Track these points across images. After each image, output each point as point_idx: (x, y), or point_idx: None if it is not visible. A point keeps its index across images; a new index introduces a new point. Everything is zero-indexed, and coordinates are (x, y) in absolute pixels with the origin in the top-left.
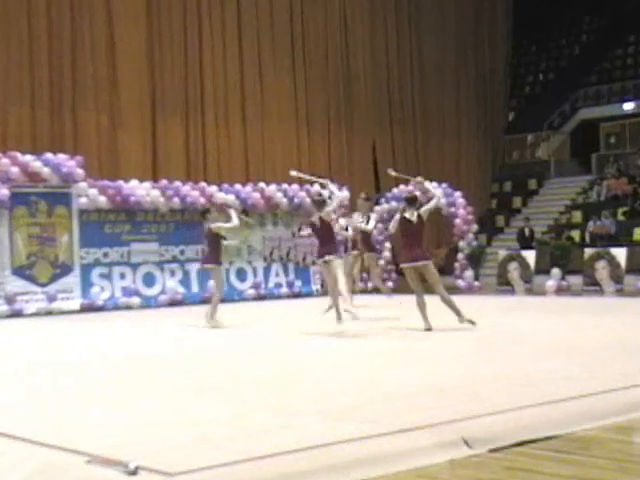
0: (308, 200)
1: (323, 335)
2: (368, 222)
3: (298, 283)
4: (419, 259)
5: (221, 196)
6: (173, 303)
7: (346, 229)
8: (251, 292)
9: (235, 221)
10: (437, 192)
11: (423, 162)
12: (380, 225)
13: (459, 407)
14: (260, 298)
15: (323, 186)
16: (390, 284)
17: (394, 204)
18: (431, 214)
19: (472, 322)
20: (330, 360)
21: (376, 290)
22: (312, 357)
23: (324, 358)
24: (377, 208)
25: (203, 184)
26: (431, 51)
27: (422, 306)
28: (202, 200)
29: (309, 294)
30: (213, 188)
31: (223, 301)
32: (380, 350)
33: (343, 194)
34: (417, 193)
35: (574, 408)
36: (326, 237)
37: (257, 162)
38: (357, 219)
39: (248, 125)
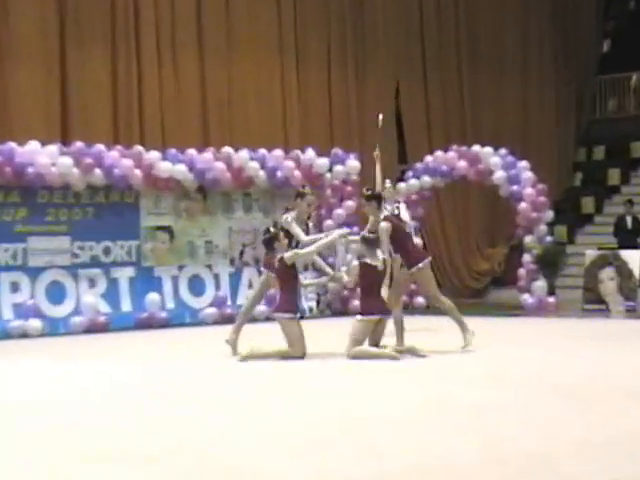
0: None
1: (317, 373)
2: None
3: None
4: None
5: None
6: (93, 329)
7: None
8: (211, 312)
9: (303, 237)
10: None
11: (471, 115)
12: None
13: None
14: (225, 321)
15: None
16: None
17: (427, 180)
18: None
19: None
20: (333, 416)
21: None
22: (306, 409)
23: (322, 411)
24: (401, 185)
25: (139, 149)
26: None
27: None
28: (137, 173)
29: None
30: (154, 155)
31: (165, 326)
32: (405, 397)
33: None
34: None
35: None
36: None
37: (220, 115)
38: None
39: (207, 59)
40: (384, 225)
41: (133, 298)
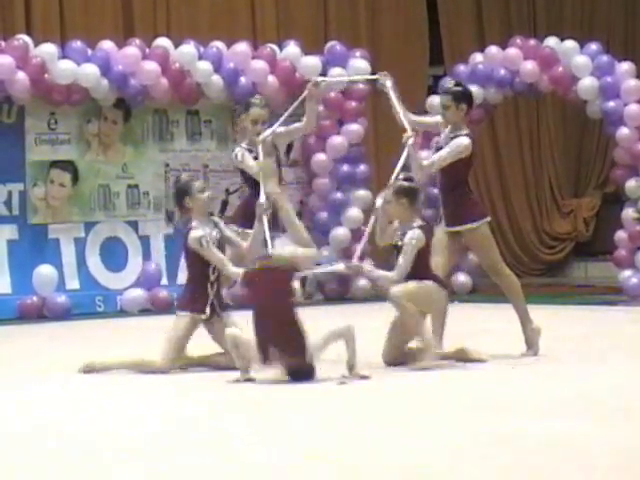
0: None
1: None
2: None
3: None
4: None
5: None
6: None
7: None
8: (137, 295)
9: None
10: None
11: None
12: None
13: None
14: (159, 310)
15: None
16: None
17: (475, 91)
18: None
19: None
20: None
21: None
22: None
23: None
24: (434, 101)
25: (23, 40)
26: None
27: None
28: (21, 77)
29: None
30: (47, 49)
31: (64, 317)
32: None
33: None
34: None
35: None
36: None
37: None
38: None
39: None
40: (466, 142)
41: (15, 273)
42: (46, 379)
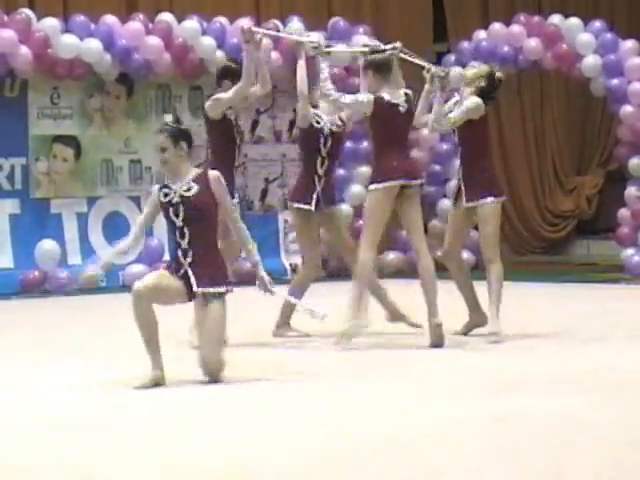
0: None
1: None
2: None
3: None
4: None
5: None
6: None
7: None
8: (139, 270)
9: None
10: None
11: None
12: None
13: None
14: None
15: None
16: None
17: None
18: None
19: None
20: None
21: None
22: None
23: None
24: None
25: (26, 14)
26: None
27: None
28: (24, 51)
29: (276, 275)
30: (50, 24)
31: (68, 292)
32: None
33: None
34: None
35: None
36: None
37: None
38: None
39: None
40: (478, 99)
41: (17, 248)
42: (46, 374)
